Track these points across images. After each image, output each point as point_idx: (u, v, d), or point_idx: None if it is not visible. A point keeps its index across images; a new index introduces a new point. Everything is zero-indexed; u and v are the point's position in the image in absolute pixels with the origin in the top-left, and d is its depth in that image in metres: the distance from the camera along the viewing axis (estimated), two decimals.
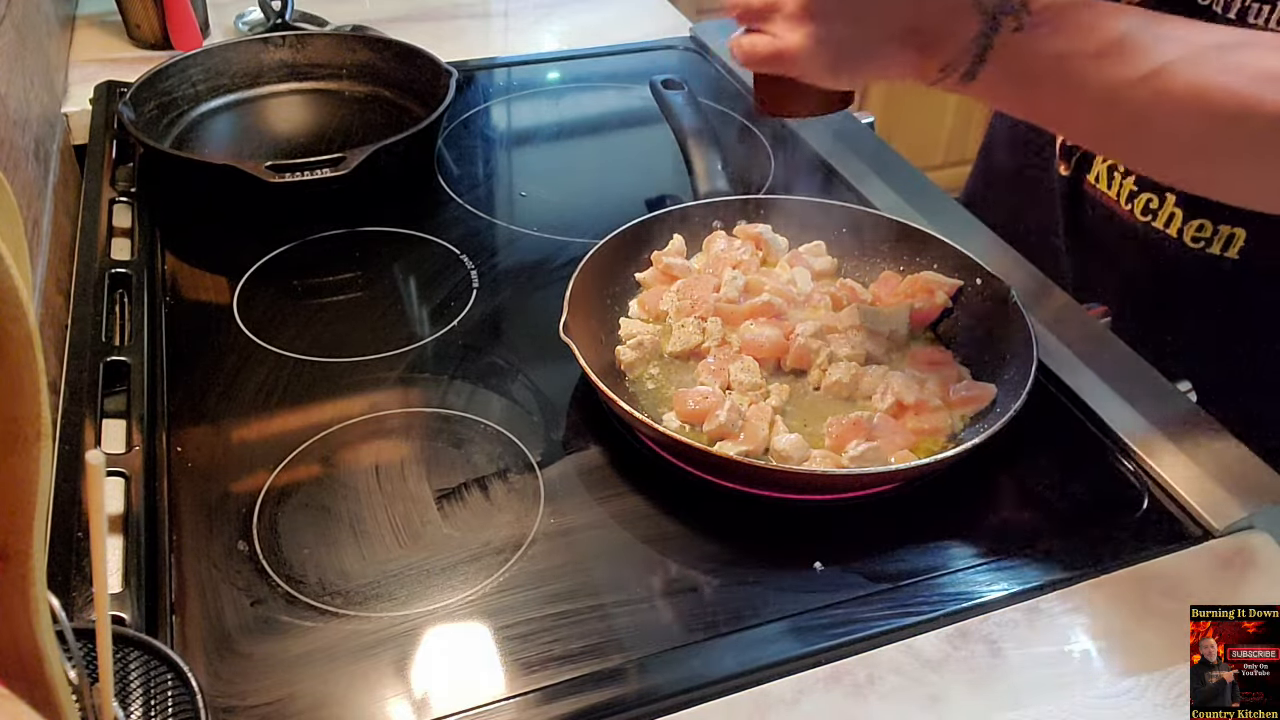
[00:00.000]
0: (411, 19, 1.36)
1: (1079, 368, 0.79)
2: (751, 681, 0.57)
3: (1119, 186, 0.85)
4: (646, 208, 0.95)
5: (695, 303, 0.80)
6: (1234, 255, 0.79)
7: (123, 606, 0.58)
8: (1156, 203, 0.82)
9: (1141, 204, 0.83)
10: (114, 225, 0.93)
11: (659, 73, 1.05)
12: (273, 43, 1.15)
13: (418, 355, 0.81)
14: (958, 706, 0.56)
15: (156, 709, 0.49)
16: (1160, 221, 0.82)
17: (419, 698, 0.56)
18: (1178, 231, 0.81)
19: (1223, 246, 0.79)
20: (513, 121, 1.20)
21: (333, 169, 0.92)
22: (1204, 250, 0.80)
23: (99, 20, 1.32)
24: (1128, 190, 0.84)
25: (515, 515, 0.67)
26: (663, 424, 0.70)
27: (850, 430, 0.70)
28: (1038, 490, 0.71)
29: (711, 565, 0.65)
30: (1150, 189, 0.83)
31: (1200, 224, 0.80)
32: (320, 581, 0.62)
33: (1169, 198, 0.81)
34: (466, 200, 1.01)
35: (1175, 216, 0.81)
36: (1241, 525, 0.67)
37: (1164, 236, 0.82)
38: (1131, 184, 0.84)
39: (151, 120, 1.04)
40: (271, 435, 0.73)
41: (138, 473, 0.67)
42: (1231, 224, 0.78)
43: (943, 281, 0.82)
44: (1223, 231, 0.79)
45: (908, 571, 0.64)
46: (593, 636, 0.59)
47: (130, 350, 0.77)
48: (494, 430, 0.73)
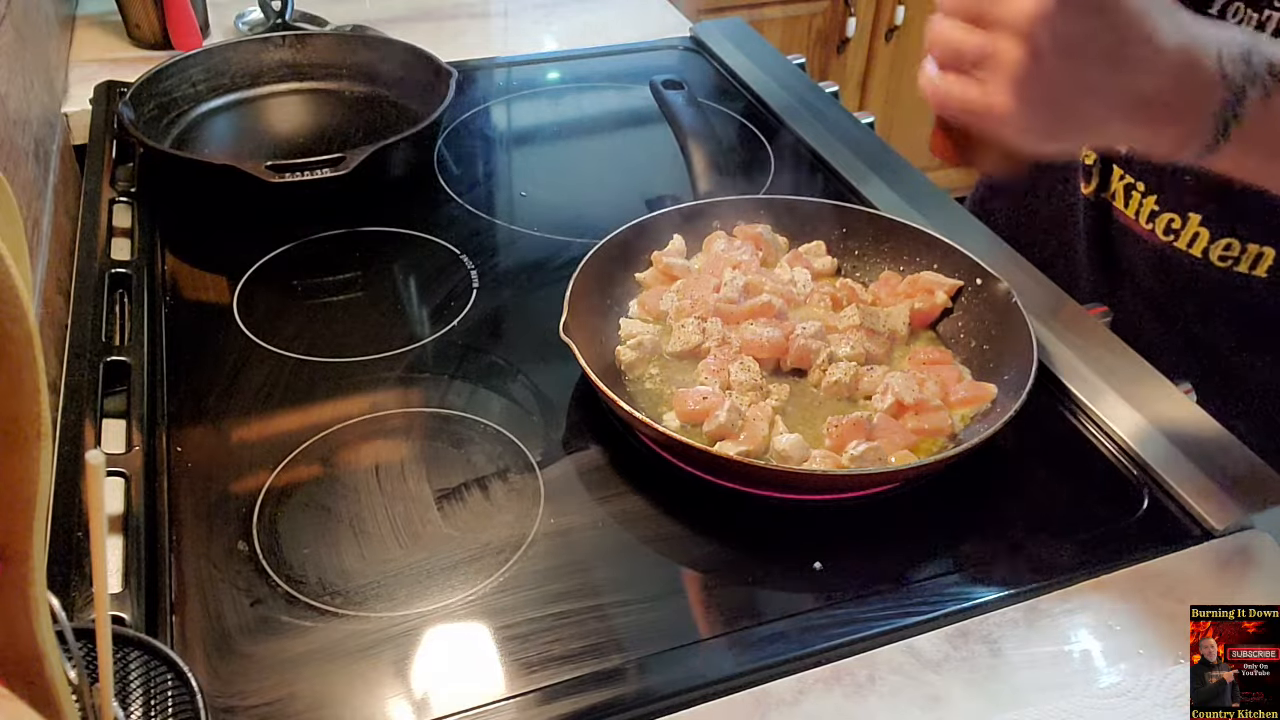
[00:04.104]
0: (411, 19, 1.36)
1: (1079, 368, 0.79)
2: (751, 681, 0.57)
3: (1138, 206, 0.84)
4: (646, 208, 0.95)
5: (695, 303, 0.80)
6: (1262, 274, 0.78)
7: (123, 606, 0.58)
8: (1179, 223, 0.81)
9: (1163, 224, 0.82)
10: (114, 225, 0.93)
11: (659, 73, 1.05)
12: (273, 43, 1.15)
13: (418, 355, 0.81)
14: (958, 706, 0.56)
15: (156, 709, 0.49)
16: (1183, 242, 0.81)
17: (419, 698, 0.56)
18: (1202, 251, 0.80)
19: (1251, 264, 0.78)
20: (513, 121, 1.20)
21: (333, 169, 0.92)
22: (1231, 268, 0.79)
23: (99, 20, 1.32)
24: (1148, 210, 0.83)
25: (515, 515, 0.67)
26: (663, 424, 0.70)
27: (850, 430, 0.70)
28: (1038, 490, 0.71)
29: (711, 565, 0.65)
30: (1172, 209, 0.81)
31: (1228, 243, 0.79)
32: (320, 581, 0.62)
33: (1192, 218, 0.80)
34: (466, 200, 1.01)
35: (1200, 236, 0.80)
36: (1241, 525, 0.67)
37: (1186, 255, 0.81)
38: (1153, 203, 0.83)
39: (151, 120, 1.04)
40: (271, 435, 0.73)
41: (138, 473, 0.67)
42: (1260, 243, 0.78)
43: (943, 281, 0.82)
44: (1251, 250, 0.78)
45: (907, 571, 0.64)
46: (593, 636, 0.59)
47: (130, 350, 0.77)
48: (494, 430, 0.73)
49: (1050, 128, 0.53)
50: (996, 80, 0.51)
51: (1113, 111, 0.53)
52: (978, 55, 0.51)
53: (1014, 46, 0.50)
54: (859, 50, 2.47)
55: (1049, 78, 0.50)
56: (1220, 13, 0.71)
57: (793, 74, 1.24)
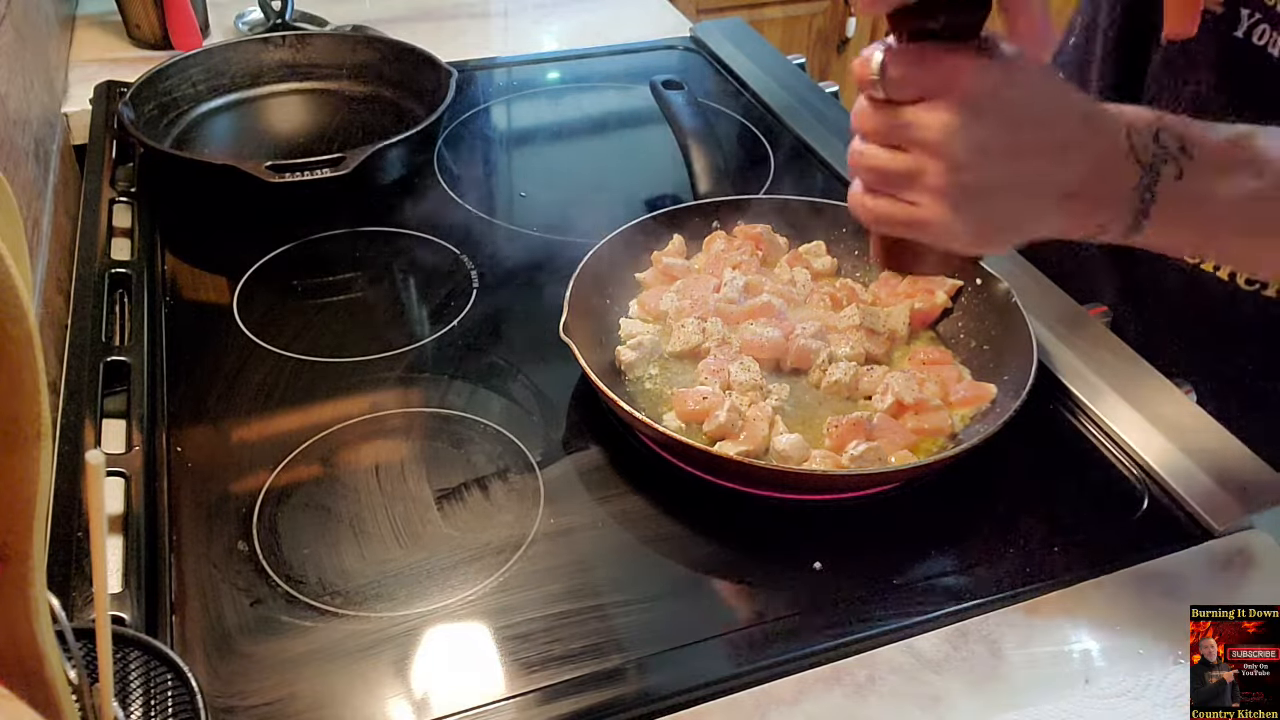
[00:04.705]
0: (411, 19, 1.36)
1: (1079, 368, 0.79)
2: (751, 681, 0.57)
3: None
4: (646, 208, 0.95)
5: (695, 303, 0.80)
6: None
7: (123, 606, 0.58)
8: None
9: None
10: (114, 225, 0.93)
11: (659, 73, 1.05)
12: (273, 43, 1.15)
13: (418, 355, 0.81)
14: (958, 706, 0.56)
15: (156, 709, 0.49)
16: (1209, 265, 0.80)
17: (419, 698, 0.56)
18: (1229, 275, 0.79)
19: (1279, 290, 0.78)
20: (513, 121, 1.20)
21: (333, 169, 0.92)
22: (1259, 292, 0.78)
23: (99, 20, 1.32)
24: None
25: (515, 515, 0.67)
26: (663, 424, 0.70)
27: (850, 430, 0.70)
28: (1037, 490, 0.71)
29: (711, 565, 0.65)
30: None
31: None
32: (320, 581, 0.62)
33: None
34: (466, 200, 1.01)
35: None
36: (1241, 525, 0.67)
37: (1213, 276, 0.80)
38: None
39: (151, 120, 1.04)
40: (271, 435, 0.73)
41: (138, 473, 0.67)
42: None
43: (943, 281, 0.82)
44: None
45: (908, 571, 0.64)
46: (593, 636, 0.59)
47: (130, 350, 0.77)
48: (494, 430, 0.73)
49: (983, 232, 0.54)
50: (924, 197, 0.53)
51: (1040, 208, 0.54)
52: (904, 176, 0.53)
53: (934, 164, 0.51)
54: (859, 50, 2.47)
55: (974, 187, 0.52)
56: (1245, 34, 0.71)
57: (793, 74, 1.24)
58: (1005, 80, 0.51)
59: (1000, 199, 0.53)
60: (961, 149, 0.51)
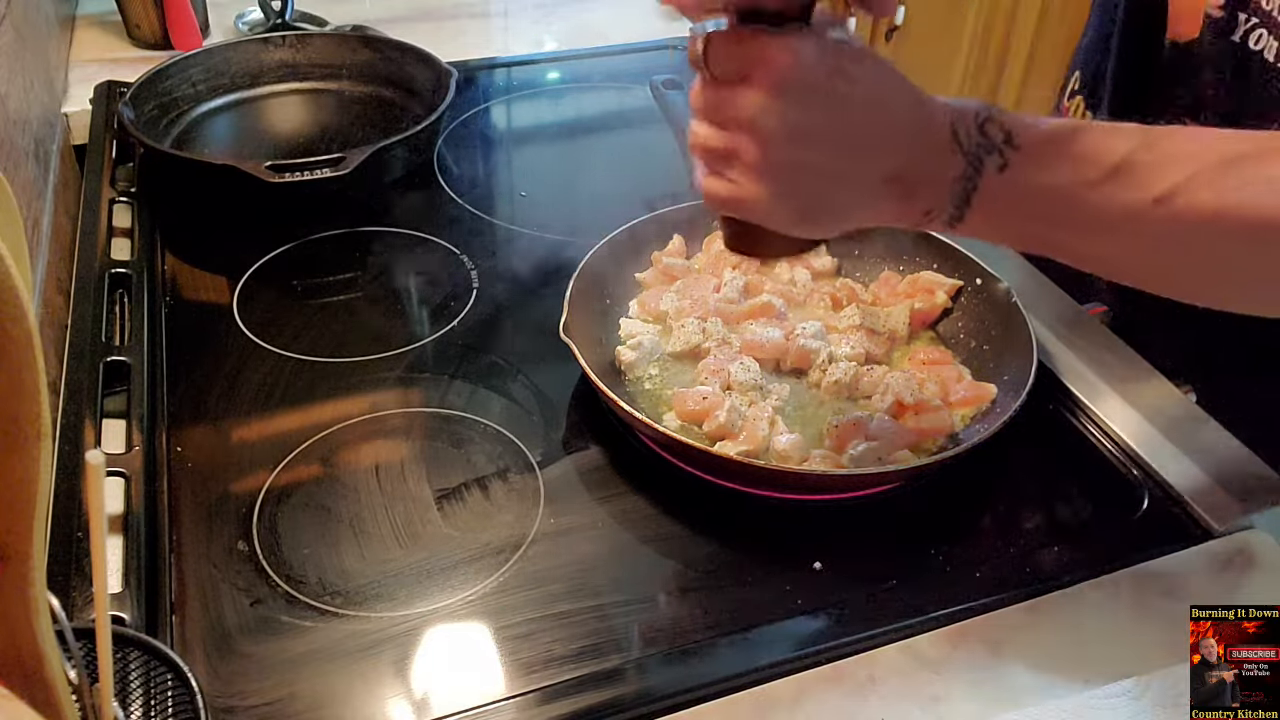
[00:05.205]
0: (411, 19, 1.36)
1: (1079, 368, 0.79)
2: (751, 681, 0.57)
3: None
4: (646, 208, 0.95)
5: (695, 303, 0.80)
6: None
7: (123, 606, 0.58)
8: None
9: None
10: (114, 225, 0.93)
11: (659, 73, 1.05)
12: (273, 43, 1.15)
13: (418, 355, 0.81)
14: (958, 706, 0.56)
15: (156, 709, 0.49)
16: None
17: (419, 698, 0.56)
18: None
19: None
20: (513, 121, 1.20)
21: (333, 169, 0.92)
22: None
23: (99, 20, 1.32)
24: None
25: (515, 515, 0.67)
26: (662, 424, 0.70)
27: (850, 430, 0.70)
28: (1037, 490, 0.71)
29: (711, 565, 0.65)
30: None
31: None
32: (320, 581, 0.62)
33: None
34: (466, 200, 1.01)
35: None
36: (1241, 525, 0.67)
37: None
38: None
39: (151, 120, 1.04)
40: (271, 435, 0.73)
41: (138, 473, 0.67)
42: None
43: (943, 281, 0.82)
44: None
45: (908, 571, 0.64)
46: (592, 637, 0.59)
47: (130, 350, 0.77)
48: (494, 430, 0.73)
49: (803, 214, 0.54)
50: (743, 176, 0.53)
51: (859, 193, 0.54)
52: (724, 154, 0.53)
53: (748, 142, 0.52)
54: None
55: (785, 166, 0.52)
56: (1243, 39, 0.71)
57: None
58: (824, 62, 0.51)
59: (814, 180, 0.53)
60: (774, 128, 0.51)
